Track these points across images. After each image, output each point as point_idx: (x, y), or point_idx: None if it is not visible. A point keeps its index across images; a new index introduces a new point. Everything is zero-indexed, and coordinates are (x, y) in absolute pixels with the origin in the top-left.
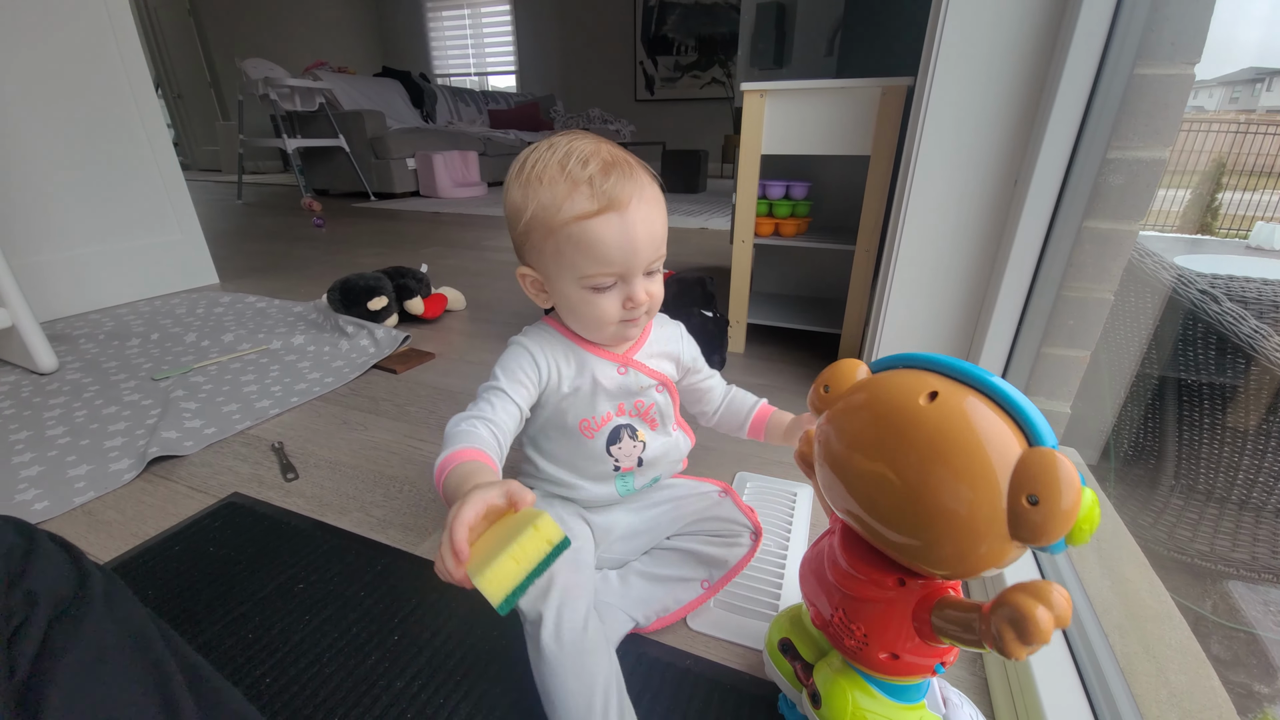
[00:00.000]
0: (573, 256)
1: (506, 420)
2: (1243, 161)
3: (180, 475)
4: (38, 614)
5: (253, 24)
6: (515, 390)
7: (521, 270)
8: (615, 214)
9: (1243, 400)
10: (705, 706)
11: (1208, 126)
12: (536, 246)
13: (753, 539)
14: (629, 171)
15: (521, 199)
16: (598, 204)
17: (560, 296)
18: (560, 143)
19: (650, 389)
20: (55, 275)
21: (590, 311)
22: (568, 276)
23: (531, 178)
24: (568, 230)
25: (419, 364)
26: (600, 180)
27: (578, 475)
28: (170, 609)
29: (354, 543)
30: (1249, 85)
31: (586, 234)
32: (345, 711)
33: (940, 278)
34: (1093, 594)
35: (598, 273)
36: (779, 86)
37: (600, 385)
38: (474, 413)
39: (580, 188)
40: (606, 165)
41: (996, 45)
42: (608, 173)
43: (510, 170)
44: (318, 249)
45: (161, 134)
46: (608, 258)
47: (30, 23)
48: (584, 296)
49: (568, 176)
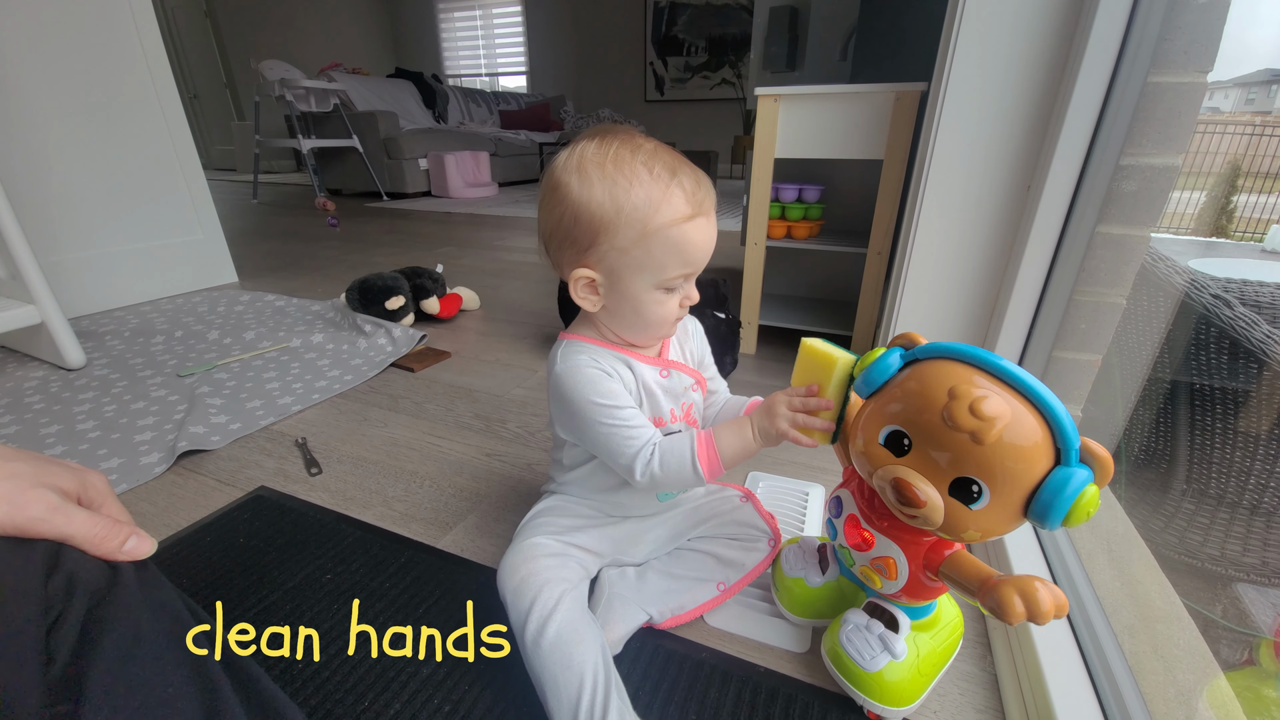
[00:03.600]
0: (664, 258)
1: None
2: (1259, 164)
3: (208, 469)
4: (75, 603)
5: (269, 26)
6: (634, 409)
7: (579, 273)
8: (704, 219)
9: (1255, 405)
10: (721, 698)
11: (1223, 128)
12: (620, 248)
13: (770, 545)
14: (706, 179)
15: (609, 199)
16: (692, 209)
17: (626, 298)
18: (630, 142)
19: (689, 389)
20: (82, 273)
21: (659, 311)
22: (648, 278)
23: (617, 178)
24: (666, 233)
25: (435, 362)
26: (691, 186)
27: (621, 483)
28: (204, 597)
29: (378, 536)
30: (1265, 87)
31: (684, 237)
32: (375, 696)
33: (952, 281)
34: (1103, 595)
35: (680, 274)
36: (793, 91)
37: (652, 391)
38: (646, 437)
39: (674, 191)
40: (690, 170)
41: (1011, 52)
42: (696, 179)
43: (569, 167)
44: (333, 248)
45: (185, 137)
46: (693, 259)
47: (59, 29)
48: (655, 297)
49: (657, 179)
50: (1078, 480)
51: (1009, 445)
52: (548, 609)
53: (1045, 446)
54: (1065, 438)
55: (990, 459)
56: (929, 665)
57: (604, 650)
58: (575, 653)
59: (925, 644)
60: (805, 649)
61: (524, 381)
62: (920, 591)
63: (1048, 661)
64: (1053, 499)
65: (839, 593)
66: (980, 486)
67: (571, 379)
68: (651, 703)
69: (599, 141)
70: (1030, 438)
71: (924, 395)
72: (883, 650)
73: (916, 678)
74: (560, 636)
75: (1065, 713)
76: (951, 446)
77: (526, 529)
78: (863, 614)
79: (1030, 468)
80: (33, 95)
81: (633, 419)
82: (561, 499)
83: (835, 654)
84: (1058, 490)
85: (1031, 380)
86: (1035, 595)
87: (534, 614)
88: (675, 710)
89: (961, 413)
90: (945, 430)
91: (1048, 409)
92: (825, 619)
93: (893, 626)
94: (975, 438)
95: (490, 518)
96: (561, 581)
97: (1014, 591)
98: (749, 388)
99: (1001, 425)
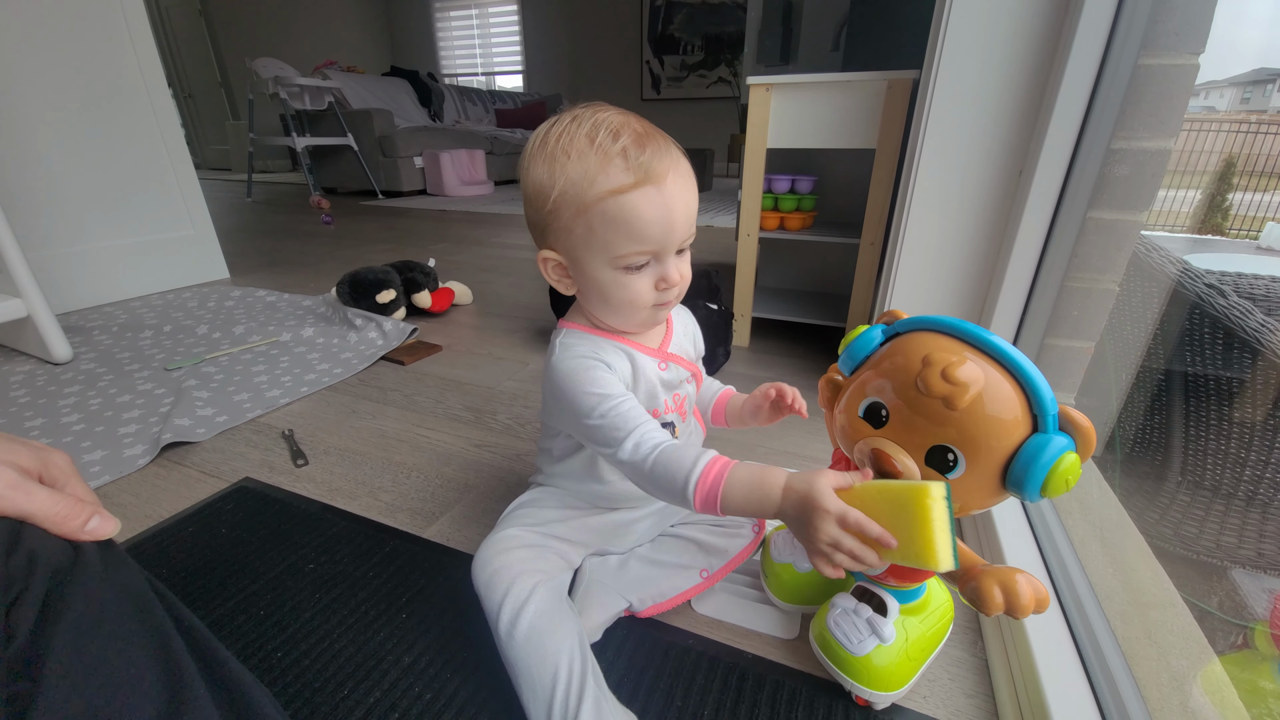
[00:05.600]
0: (606, 234)
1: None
2: (1254, 162)
3: (193, 461)
4: (36, 581)
5: (263, 24)
6: (632, 402)
7: (544, 254)
8: (653, 187)
9: (1249, 394)
10: (707, 684)
11: (1219, 127)
12: (565, 226)
13: (754, 531)
14: (664, 144)
15: (547, 175)
16: (634, 177)
17: (588, 280)
18: (584, 114)
19: (684, 381)
20: (70, 268)
21: (622, 294)
22: (599, 257)
23: (557, 152)
24: (602, 206)
25: (426, 356)
26: (635, 152)
27: (615, 474)
28: (184, 587)
29: (362, 526)
30: (1260, 86)
31: (623, 209)
32: (355, 685)
33: (945, 269)
34: (1095, 581)
35: (632, 251)
36: (785, 80)
37: (650, 382)
38: (646, 431)
39: (614, 160)
40: (639, 137)
41: (1001, 38)
42: (642, 145)
43: (528, 147)
44: (326, 246)
45: (176, 133)
46: (644, 234)
47: (49, 25)
48: (615, 278)
49: (598, 149)
50: (1055, 447)
51: (983, 411)
52: (520, 600)
53: (1021, 413)
54: (1041, 404)
55: (964, 425)
56: (918, 650)
57: (581, 639)
58: (549, 643)
59: (915, 628)
60: (793, 635)
61: (515, 374)
62: (908, 572)
63: (1039, 647)
64: (1028, 466)
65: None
66: (956, 454)
67: (568, 368)
68: (637, 690)
69: (556, 120)
70: (1005, 403)
71: (901, 366)
72: (870, 634)
73: (905, 662)
74: (534, 628)
75: (1057, 698)
76: (926, 414)
77: (504, 521)
78: (851, 598)
79: (1005, 434)
80: (21, 89)
81: (630, 412)
82: (546, 491)
83: (823, 638)
84: (1033, 457)
85: (1007, 347)
86: (1015, 588)
87: (507, 606)
88: (661, 697)
89: (934, 378)
90: (920, 398)
91: (1024, 375)
92: (814, 605)
93: (881, 610)
94: (948, 403)
95: (478, 507)
96: (536, 573)
97: (994, 583)
98: (741, 379)
99: (975, 390)
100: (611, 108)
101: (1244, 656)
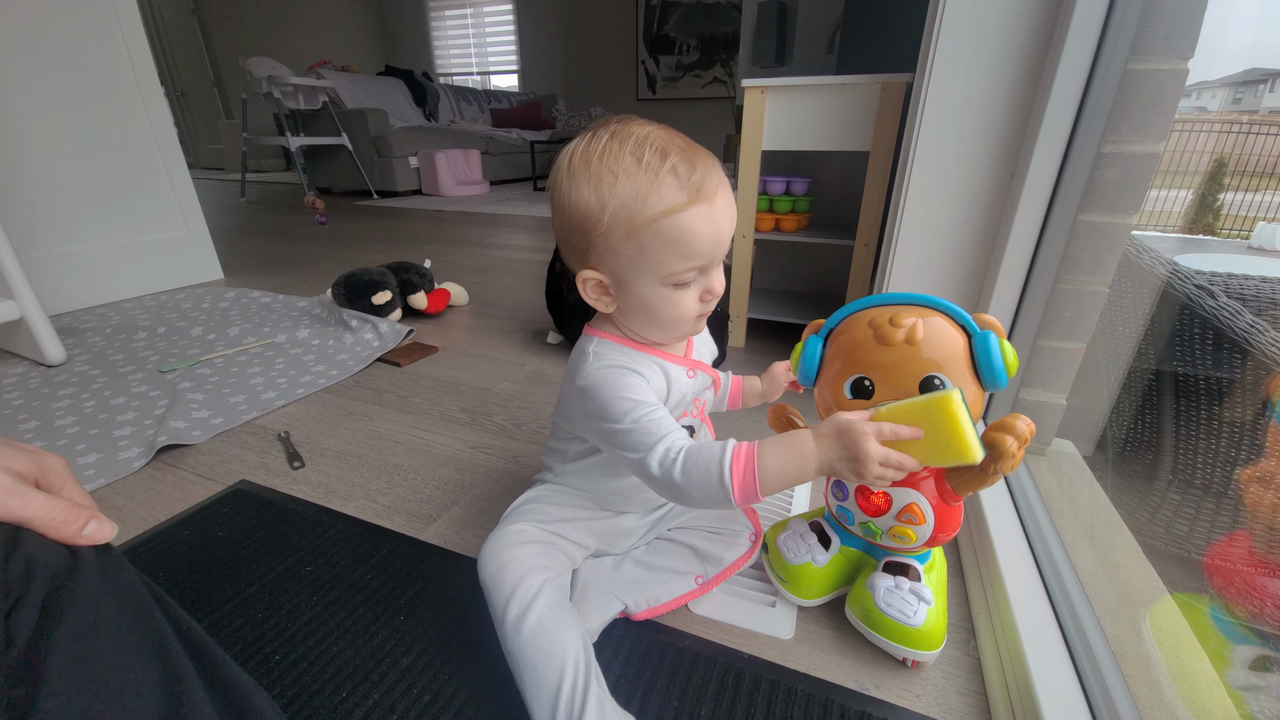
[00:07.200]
0: (659, 253)
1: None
2: (1245, 163)
3: (188, 464)
4: (34, 586)
5: (256, 23)
6: (660, 407)
7: (585, 275)
8: (705, 205)
9: (1239, 394)
10: (704, 685)
11: (1210, 127)
12: (613, 248)
13: (751, 540)
14: (709, 160)
15: (594, 197)
16: (687, 196)
17: (634, 298)
18: (622, 131)
19: (706, 388)
20: (63, 270)
21: (671, 310)
22: (650, 276)
23: (603, 172)
24: (656, 226)
25: (422, 357)
26: (686, 170)
27: (623, 477)
28: (181, 590)
29: (360, 528)
30: (1251, 86)
31: (678, 228)
32: (353, 687)
33: (938, 271)
34: (1085, 579)
35: (685, 268)
36: (780, 83)
37: (681, 391)
38: (676, 438)
39: (664, 179)
40: (685, 154)
41: (993, 42)
42: (691, 163)
43: (563, 165)
44: (321, 246)
45: (169, 132)
46: (697, 251)
47: (40, 24)
48: (665, 295)
49: (646, 168)
50: (991, 340)
51: (933, 335)
52: (529, 596)
53: (955, 329)
54: (962, 318)
55: (931, 352)
56: (940, 601)
57: (585, 639)
58: (556, 640)
59: (935, 582)
60: (790, 635)
61: (511, 375)
62: (950, 520)
63: (1030, 646)
64: (986, 356)
65: (846, 561)
66: (940, 378)
67: (602, 375)
68: (634, 691)
69: (591, 136)
70: (941, 325)
71: (858, 341)
72: (920, 602)
73: (940, 616)
74: (541, 624)
75: (1047, 695)
76: (899, 362)
77: (512, 515)
78: (887, 575)
79: (957, 345)
80: (12, 88)
81: (663, 420)
82: (554, 489)
83: (875, 620)
84: (985, 350)
85: (909, 293)
86: (1010, 425)
87: (515, 601)
88: (658, 698)
89: (887, 329)
90: (887, 350)
91: (934, 303)
92: (840, 591)
93: (916, 577)
94: (908, 340)
95: (474, 509)
96: (544, 569)
97: (998, 433)
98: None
99: (920, 324)
100: (647, 122)
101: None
